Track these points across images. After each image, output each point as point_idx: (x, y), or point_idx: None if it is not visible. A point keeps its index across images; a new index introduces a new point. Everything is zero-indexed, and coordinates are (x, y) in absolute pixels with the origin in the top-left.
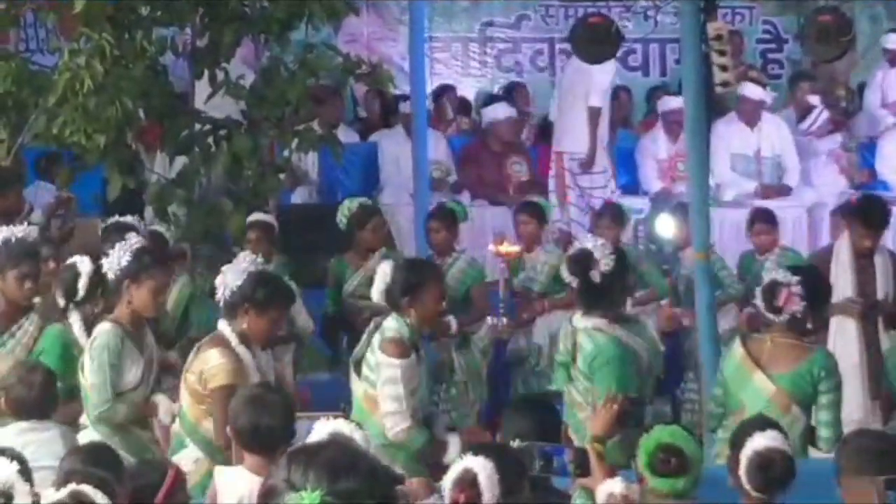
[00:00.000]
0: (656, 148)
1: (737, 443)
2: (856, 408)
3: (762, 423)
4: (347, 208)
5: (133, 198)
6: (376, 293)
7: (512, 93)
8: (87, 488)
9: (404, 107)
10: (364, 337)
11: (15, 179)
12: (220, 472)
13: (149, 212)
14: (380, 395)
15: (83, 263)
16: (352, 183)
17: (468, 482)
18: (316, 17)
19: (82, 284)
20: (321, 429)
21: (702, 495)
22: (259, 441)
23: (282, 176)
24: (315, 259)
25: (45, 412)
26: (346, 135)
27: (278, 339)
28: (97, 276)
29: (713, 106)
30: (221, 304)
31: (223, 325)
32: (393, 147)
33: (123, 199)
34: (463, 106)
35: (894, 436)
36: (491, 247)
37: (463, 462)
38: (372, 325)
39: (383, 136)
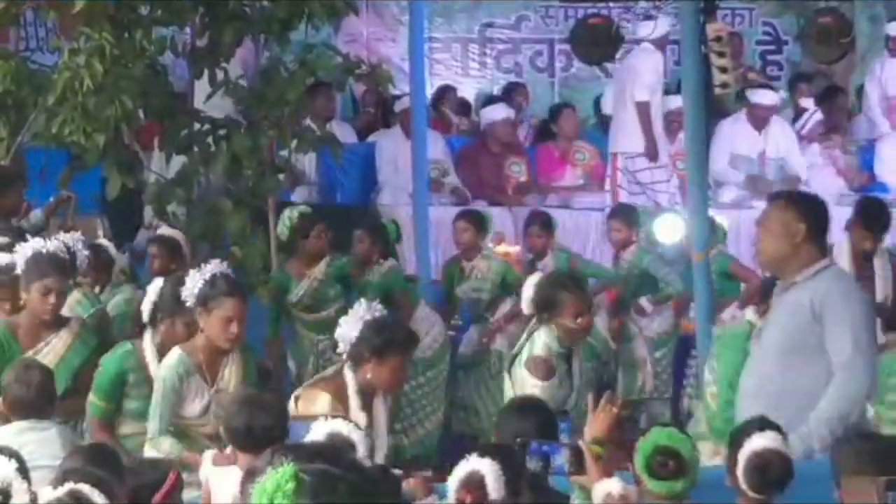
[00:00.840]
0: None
1: (735, 443)
2: None
3: (761, 423)
4: (288, 218)
5: (132, 197)
6: (525, 304)
7: (511, 93)
8: (85, 487)
9: (401, 105)
10: (523, 337)
11: (15, 179)
12: (214, 472)
13: (148, 211)
14: None
15: (154, 284)
16: (350, 183)
17: (475, 483)
18: (316, 16)
19: (146, 308)
20: (319, 429)
21: (699, 496)
22: (253, 441)
23: (281, 176)
24: None
25: (43, 411)
26: (344, 135)
27: None
28: (165, 297)
29: (712, 108)
30: (345, 357)
31: (349, 376)
32: (391, 147)
33: (122, 198)
34: (462, 107)
35: (891, 437)
36: (490, 246)
37: (469, 463)
38: (528, 328)
39: (382, 136)
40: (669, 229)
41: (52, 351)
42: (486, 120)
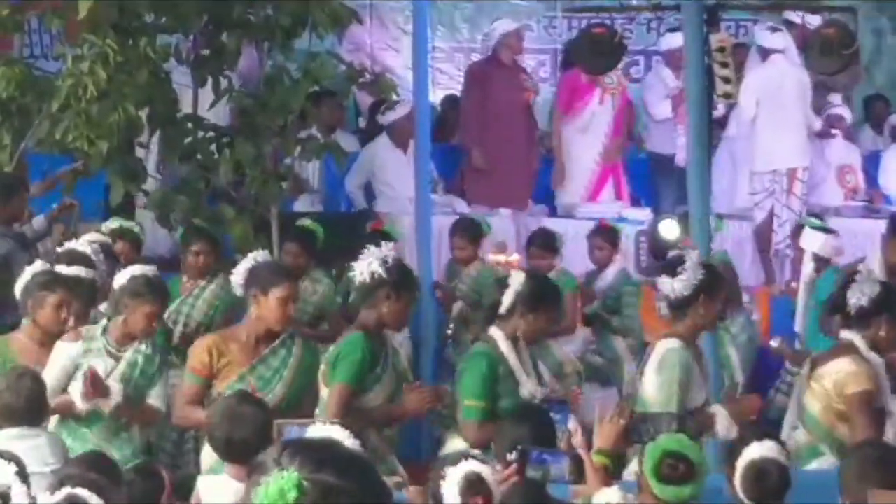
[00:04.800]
0: (662, 84)
1: (733, 452)
2: None
3: (759, 433)
4: None
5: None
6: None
7: None
8: (83, 492)
9: (393, 114)
10: None
11: (18, 185)
12: (204, 480)
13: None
14: None
15: (517, 277)
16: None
17: (477, 483)
18: (319, 25)
19: (507, 298)
20: (314, 433)
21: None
22: (233, 452)
23: (284, 184)
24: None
25: (34, 419)
26: (348, 143)
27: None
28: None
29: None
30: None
31: (847, 335)
32: (382, 155)
33: (126, 205)
34: None
35: None
36: (490, 256)
37: (461, 467)
38: None
39: (374, 145)
40: (669, 233)
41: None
42: None
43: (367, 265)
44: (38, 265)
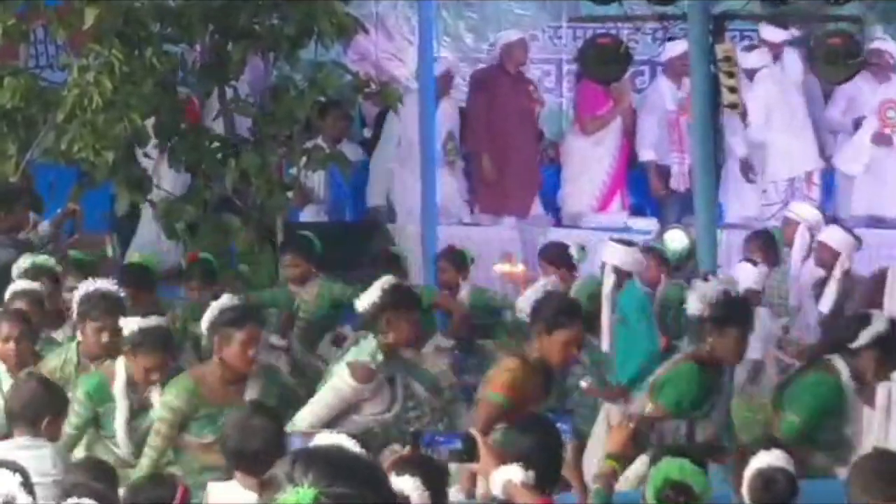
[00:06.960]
0: (662, 101)
1: (741, 461)
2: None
3: (767, 442)
4: None
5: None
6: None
7: None
8: (88, 502)
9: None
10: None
11: (20, 195)
12: (213, 486)
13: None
14: None
15: None
16: (359, 201)
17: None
18: (325, 35)
19: None
20: (321, 441)
21: None
22: (246, 463)
23: (290, 194)
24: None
25: (37, 428)
26: (352, 153)
27: None
28: None
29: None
30: None
31: None
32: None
33: (132, 215)
34: None
35: None
36: (497, 266)
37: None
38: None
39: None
40: (676, 243)
41: None
42: None
43: (702, 296)
44: (227, 299)
